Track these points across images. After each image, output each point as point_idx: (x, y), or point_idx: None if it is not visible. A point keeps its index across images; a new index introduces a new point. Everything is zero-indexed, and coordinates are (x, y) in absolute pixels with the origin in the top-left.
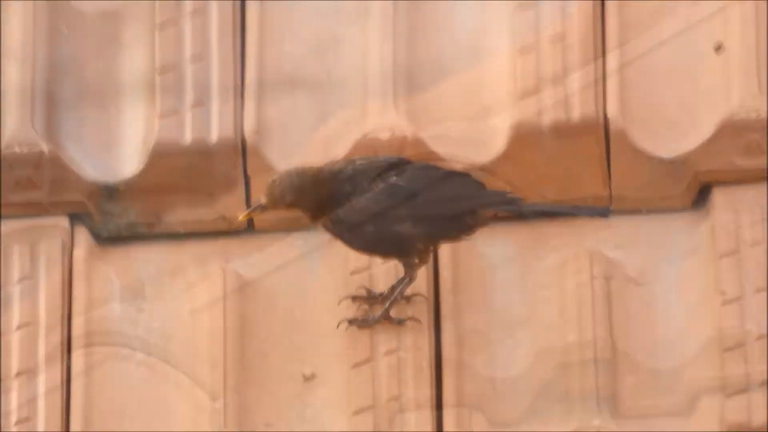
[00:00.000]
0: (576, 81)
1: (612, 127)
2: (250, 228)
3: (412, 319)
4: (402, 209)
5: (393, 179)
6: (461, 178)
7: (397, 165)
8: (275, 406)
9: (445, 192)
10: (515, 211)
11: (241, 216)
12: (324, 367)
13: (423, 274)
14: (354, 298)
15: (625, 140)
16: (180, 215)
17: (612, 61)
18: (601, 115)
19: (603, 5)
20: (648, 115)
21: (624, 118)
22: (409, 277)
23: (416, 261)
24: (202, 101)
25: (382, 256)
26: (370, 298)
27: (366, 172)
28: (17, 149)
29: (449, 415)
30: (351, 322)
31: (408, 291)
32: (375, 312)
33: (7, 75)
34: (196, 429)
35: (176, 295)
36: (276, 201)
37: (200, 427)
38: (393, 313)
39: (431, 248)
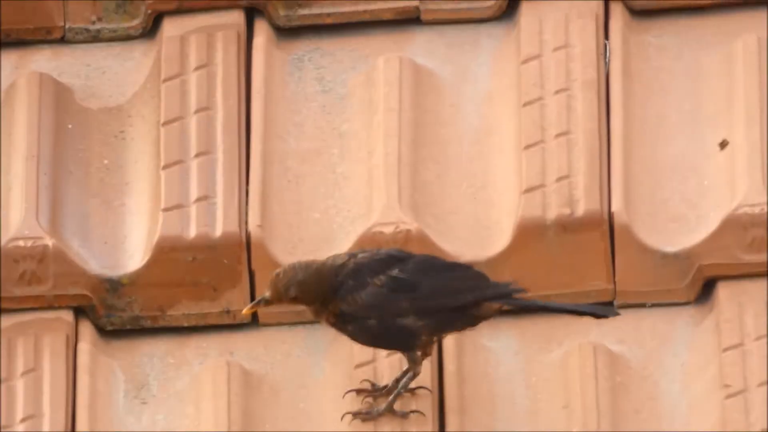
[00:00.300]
0: (581, 176)
1: (616, 221)
2: (254, 322)
3: (416, 412)
4: (405, 302)
5: (395, 272)
6: (464, 270)
7: (399, 258)
8: None
9: (448, 284)
10: (518, 305)
11: (246, 309)
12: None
13: (427, 366)
14: (358, 392)
15: (629, 235)
16: (184, 309)
17: (617, 156)
18: (605, 210)
19: (608, 102)
20: (652, 209)
21: (628, 213)
22: (413, 371)
23: (419, 354)
24: (206, 196)
25: (387, 349)
26: (374, 391)
27: (368, 266)
28: (22, 243)
29: None
30: (355, 415)
31: (412, 384)
32: (379, 405)
33: (12, 169)
34: None
35: (180, 389)
36: (280, 295)
37: None
38: (397, 406)
39: (435, 341)
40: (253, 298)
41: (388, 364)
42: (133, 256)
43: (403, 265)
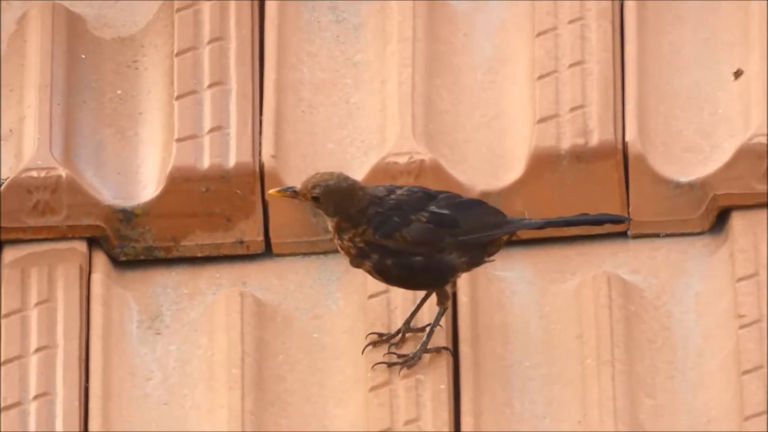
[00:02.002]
0: (595, 106)
1: (630, 151)
2: (267, 252)
3: (446, 349)
4: (449, 238)
5: (434, 208)
6: (484, 206)
7: (430, 194)
8: (293, 428)
9: (480, 220)
10: (543, 228)
11: (272, 191)
12: (341, 390)
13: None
14: (374, 344)
15: (643, 165)
16: (197, 239)
17: (631, 86)
18: (619, 139)
19: (622, 31)
20: (666, 139)
21: (642, 143)
22: (444, 306)
23: (448, 289)
24: (220, 126)
25: (419, 287)
26: (390, 337)
27: (408, 203)
28: (35, 174)
29: None
30: (391, 365)
31: (430, 345)
32: (399, 345)
33: (25, 101)
34: None
35: (193, 319)
36: (306, 190)
37: None
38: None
39: (460, 276)
40: (266, 228)
41: (401, 294)
42: (147, 187)
43: (437, 202)
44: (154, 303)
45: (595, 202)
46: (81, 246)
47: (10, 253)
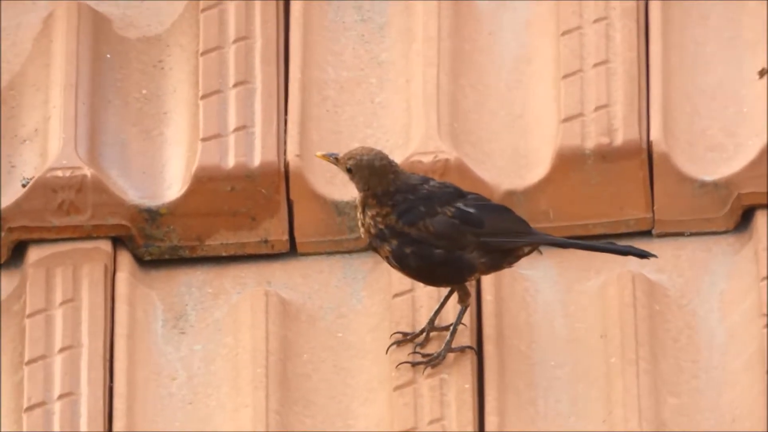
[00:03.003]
0: (619, 105)
1: (655, 150)
2: (292, 251)
3: (470, 348)
4: (472, 236)
5: (461, 205)
6: (510, 213)
7: (460, 192)
8: (317, 428)
9: (505, 225)
10: (565, 246)
11: (318, 154)
12: (366, 389)
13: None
14: (399, 344)
15: (668, 163)
16: (222, 239)
17: (655, 85)
18: (644, 138)
19: (647, 30)
20: (691, 138)
21: (667, 142)
22: (465, 304)
23: (468, 288)
24: (245, 125)
25: (435, 280)
26: (414, 336)
27: (438, 195)
28: (60, 173)
29: None
30: (415, 365)
31: (454, 344)
32: (424, 344)
33: (51, 100)
34: None
35: (218, 319)
36: (344, 161)
37: None
38: (453, 344)
39: (480, 277)
40: (291, 227)
41: (427, 293)
42: (172, 186)
43: (465, 200)
44: (178, 302)
45: (619, 201)
46: (106, 245)
47: (35, 253)
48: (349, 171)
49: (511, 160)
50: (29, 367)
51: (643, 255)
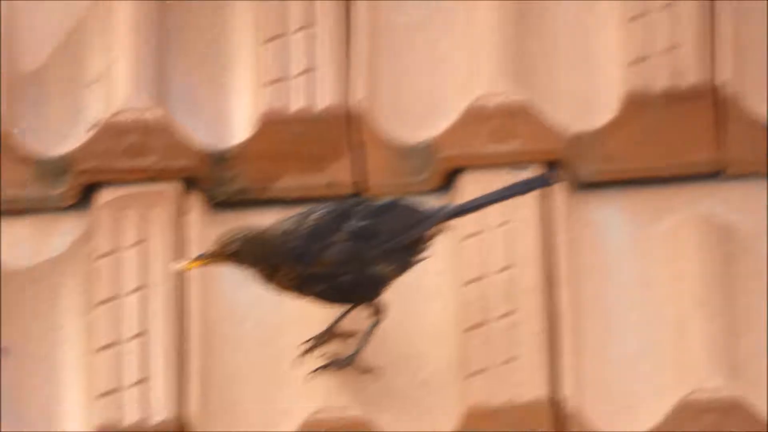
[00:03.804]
0: (687, 47)
1: (724, 92)
2: (358, 194)
3: (369, 370)
4: (373, 250)
5: (353, 223)
6: (399, 204)
7: (343, 210)
8: (388, 368)
9: (399, 222)
10: (460, 214)
11: (188, 264)
12: (436, 331)
13: (535, 237)
14: (306, 352)
15: (737, 105)
16: (290, 181)
17: (724, 25)
18: (713, 80)
19: None
20: (760, 78)
21: (737, 83)
22: (380, 318)
23: (381, 302)
24: (310, 69)
25: (354, 303)
26: (321, 338)
27: (325, 224)
28: (128, 116)
29: (567, 378)
30: (320, 369)
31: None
32: (342, 354)
33: (118, 43)
34: (310, 392)
35: None
36: (223, 248)
37: (314, 391)
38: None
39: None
40: (357, 170)
41: (500, 236)
42: (239, 129)
43: (355, 215)
44: None
45: (688, 143)
46: (175, 188)
47: (105, 195)
48: (236, 254)
49: (578, 103)
50: (101, 308)
51: (544, 182)
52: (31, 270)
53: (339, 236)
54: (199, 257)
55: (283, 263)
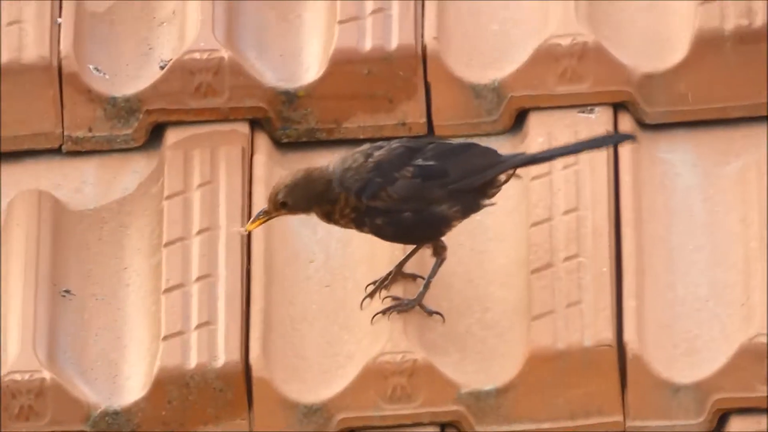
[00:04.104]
0: None
1: None
2: (429, 134)
3: (439, 314)
4: (438, 190)
5: (420, 161)
6: (474, 148)
7: (416, 147)
8: (454, 311)
9: (470, 165)
10: (534, 163)
11: (248, 226)
12: (504, 273)
13: (603, 177)
14: (371, 296)
15: None
16: (359, 121)
17: None
18: None
19: None
20: None
21: None
22: (442, 257)
23: (443, 241)
24: (382, 8)
25: (415, 241)
26: (385, 281)
27: (389, 161)
28: (198, 56)
29: (629, 321)
30: (385, 312)
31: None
32: (389, 287)
33: None
34: (373, 335)
35: None
36: (274, 202)
37: (377, 334)
38: (425, 300)
39: (457, 224)
40: (428, 110)
41: (564, 178)
42: (309, 69)
43: (423, 154)
44: None
45: (759, 83)
46: (243, 128)
47: (173, 135)
48: (285, 205)
49: (650, 42)
50: (167, 250)
51: (620, 140)
52: (98, 210)
53: (404, 173)
54: (258, 216)
55: (339, 199)
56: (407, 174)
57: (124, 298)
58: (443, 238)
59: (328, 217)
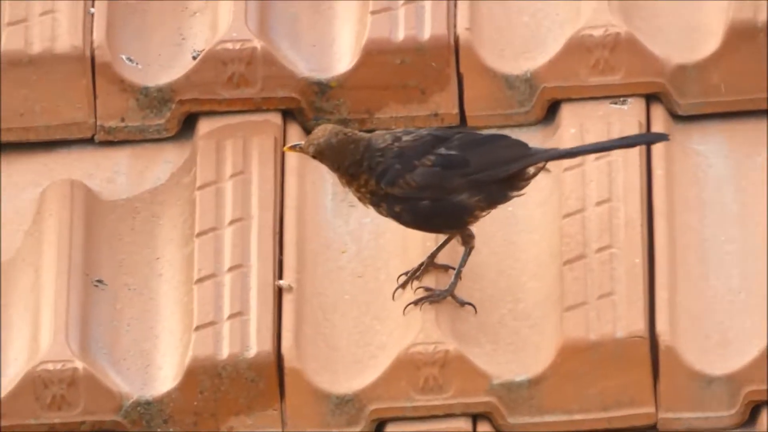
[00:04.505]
0: None
1: None
2: (462, 125)
3: (470, 305)
4: (458, 179)
5: (443, 150)
6: (504, 140)
7: (442, 137)
8: (486, 301)
9: (494, 156)
10: (564, 157)
11: (285, 148)
12: (535, 263)
13: (636, 169)
14: (403, 287)
15: None
16: (392, 112)
17: None
18: None
19: None
20: None
21: None
22: (469, 246)
23: (471, 230)
24: None
25: (438, 230)
26: (417, 271)
27: (413, 148)
28: (230, 46)
29: (662, 312)
30: (417, 303)
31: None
32: (420, 277)
33: None
34: (405, 326)
35: None
36: (307, 148)
37: (409, 324)
38: (457, 291)
39: (484, 215)
40: (461, 101)
41: (597, 168)
42: (342, 59)
43: (449, 143)
44: None
45: None
46: (276, 118)
47: (206, 125)
48: (314, 158)
49: (683, 33)
50: (199, 239)
51: (654, 140)
52: (131, 200)
53: (425, 161)
54: (294, 146)
55: (362, 174)
56: (427, 162)
57: (156, 288)
58: (472, 228)
59: (348, 185)
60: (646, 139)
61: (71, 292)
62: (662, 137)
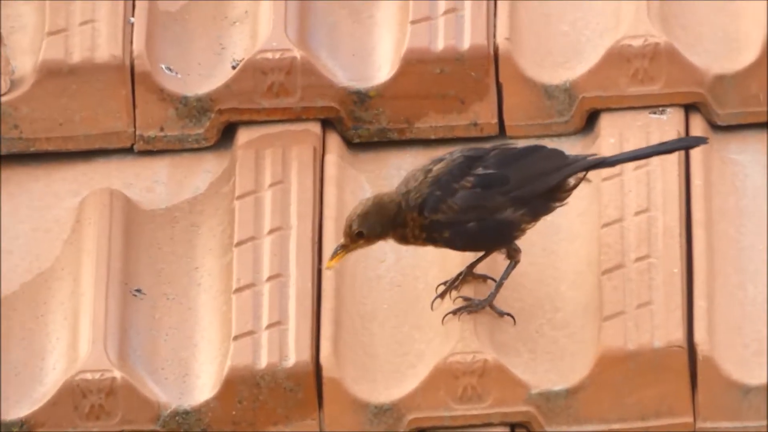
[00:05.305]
0: None
1: None
2: (501, 134)
3: (509, 315)
4: (500, 197)
5: (480, 170)
6: (540, 151)
7: (476, 156)
8: (526, 310)
9: (533, 169)
10: (604, 166)
11: (328, 263)
12: (574, 273)
13: (675, 179)
14: (442, 296)
15: None
16: (431, 121)
17: None
18: None
19: None
20: None
21: None
22: (515, 260)
23: (517, 244)
24: (455, 8)
25: (486, 248)
26: (456, 281)
27: (449, 172)
28: (270, 56)
29: (700, 322)
30: (455, 313)
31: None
32: (459, 287)
33: None
34: (444, 336)
35: None
36: (350, 234)
37: (448, 334)
38: (496, 301)
39: (530, 228)
40: (500, 111)
41: (635, 179)
42: (381, 69)
43: (484, 162)
44: (387, 185)
45: None
46: (315, 127)
47: (245, 135)
48: (361, 234)
49: (722, 43)
50: (238, 249)
51: (693, 144)
52: (170, 210)
53: (464, 183)
54: (336, 252)
55: (407, 216)
56: (467, 184)
57: (195, 298)
58: (517, 242)
59: (404, 240)
60: (685, 144)
61: (110, 301)
62: (701, 140)
